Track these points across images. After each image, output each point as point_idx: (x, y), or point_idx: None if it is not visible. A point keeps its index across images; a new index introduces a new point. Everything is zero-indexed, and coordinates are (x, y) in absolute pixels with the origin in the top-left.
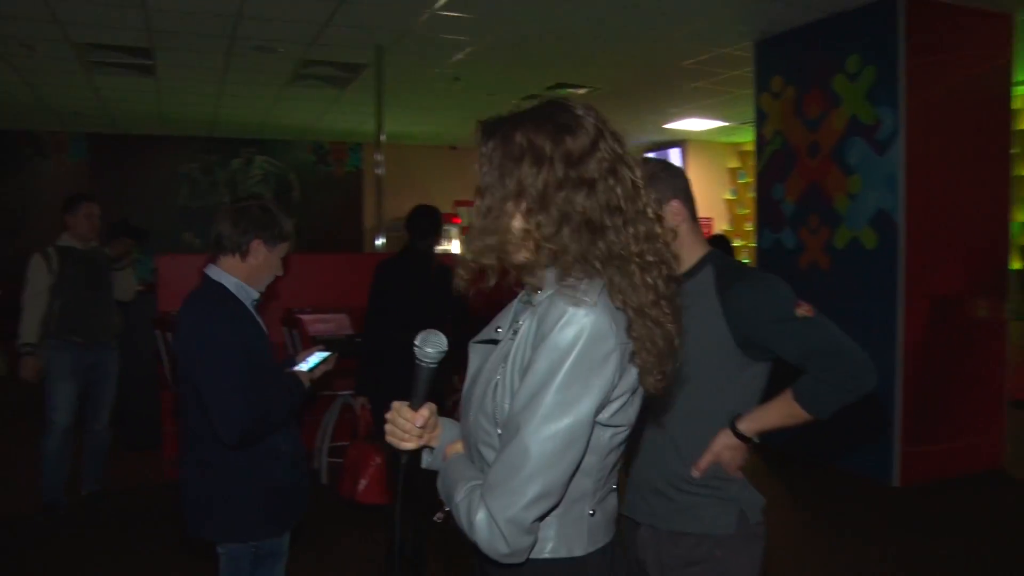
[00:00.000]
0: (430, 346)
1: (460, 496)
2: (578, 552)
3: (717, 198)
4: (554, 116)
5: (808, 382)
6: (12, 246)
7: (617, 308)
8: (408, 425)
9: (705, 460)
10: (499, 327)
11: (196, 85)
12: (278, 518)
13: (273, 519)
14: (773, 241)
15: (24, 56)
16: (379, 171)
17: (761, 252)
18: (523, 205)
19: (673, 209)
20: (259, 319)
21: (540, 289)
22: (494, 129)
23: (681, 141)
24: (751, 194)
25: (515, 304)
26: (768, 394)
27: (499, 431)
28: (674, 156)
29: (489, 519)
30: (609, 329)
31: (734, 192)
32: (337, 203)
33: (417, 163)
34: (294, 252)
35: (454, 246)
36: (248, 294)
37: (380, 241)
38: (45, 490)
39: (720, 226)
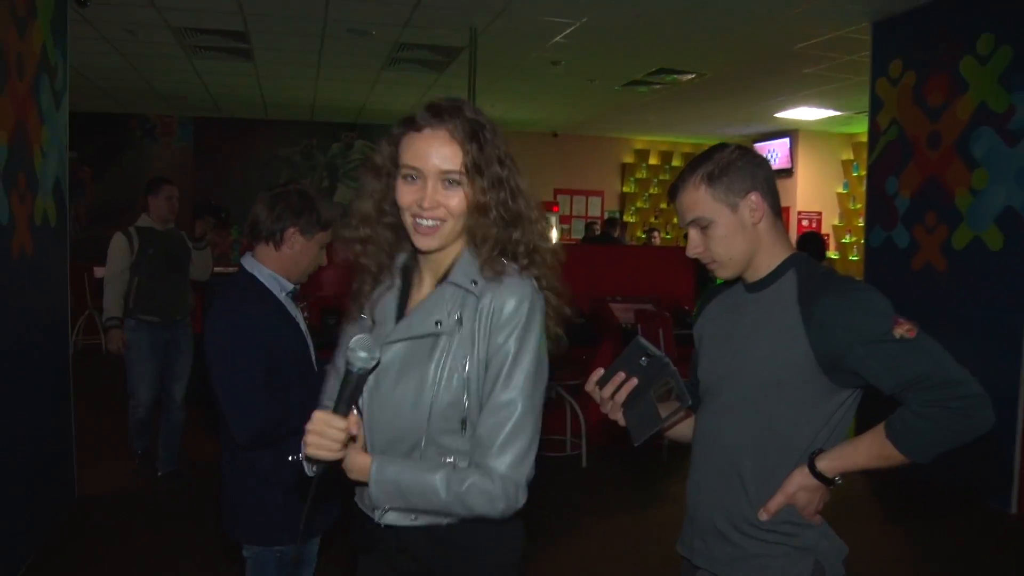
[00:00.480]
0: (363, 350)
1: (439, 484)
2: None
3: (829, 191)
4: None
5: (906, 418)
6: (123, 225)
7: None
8: (339, 434)
9: (776, 501)
10: (438, 320)
11: (293, 69)
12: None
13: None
14: (884, 239)
15: (127, 40)
16: None
17: (871, 251)
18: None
19: (751, 203)
20: (296, 312)
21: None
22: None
23: (792, 131)
24: (864, 188)
25: (442, 296)
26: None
27: (467, 413)
28: (783, 147)
29: (490, 483)
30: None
31: (846, 186)
32: None
33: (516, 149)
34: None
35: (553, 235)
36: (282, 285)
37: None
38: (163, 461)
39: (830, 221)
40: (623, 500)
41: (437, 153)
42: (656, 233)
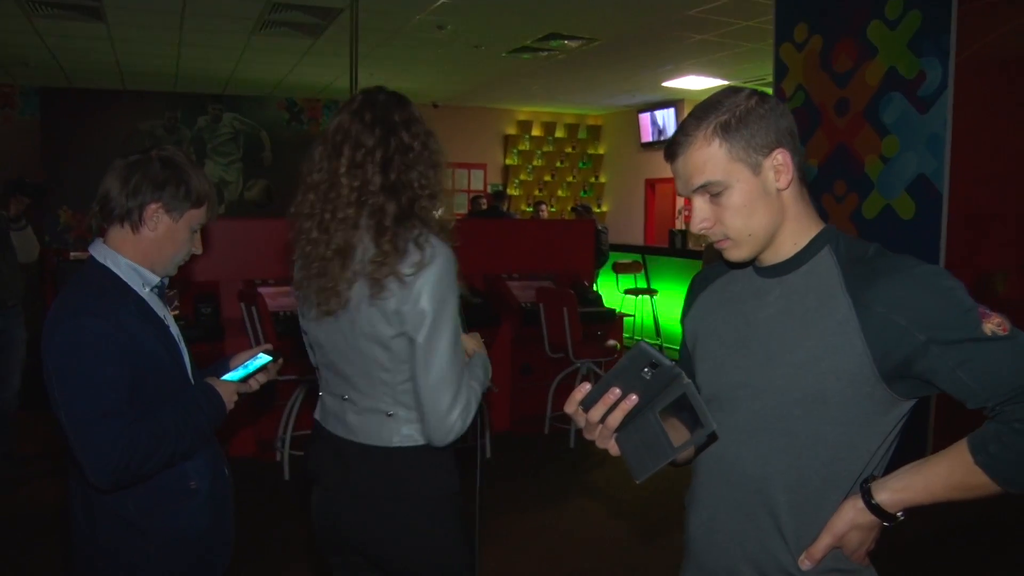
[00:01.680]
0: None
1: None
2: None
3: None
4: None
5: (1004, 438)
6: None
7: None
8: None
9: (822, 545)
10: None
11: (152, 33)
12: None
13: None
14: None
15: None
16: None
17: None
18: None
19: (777, 163)
20: (165, 311)
21: None
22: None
23: (677, 101)
24: None
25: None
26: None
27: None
28: (669, 116)
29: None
30: None
31: None
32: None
33: None
34: (267, 216)
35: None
36: (145, 279)
37: None
38: None
39: None
40: (535, 494)
41: None
42: (543, 206)
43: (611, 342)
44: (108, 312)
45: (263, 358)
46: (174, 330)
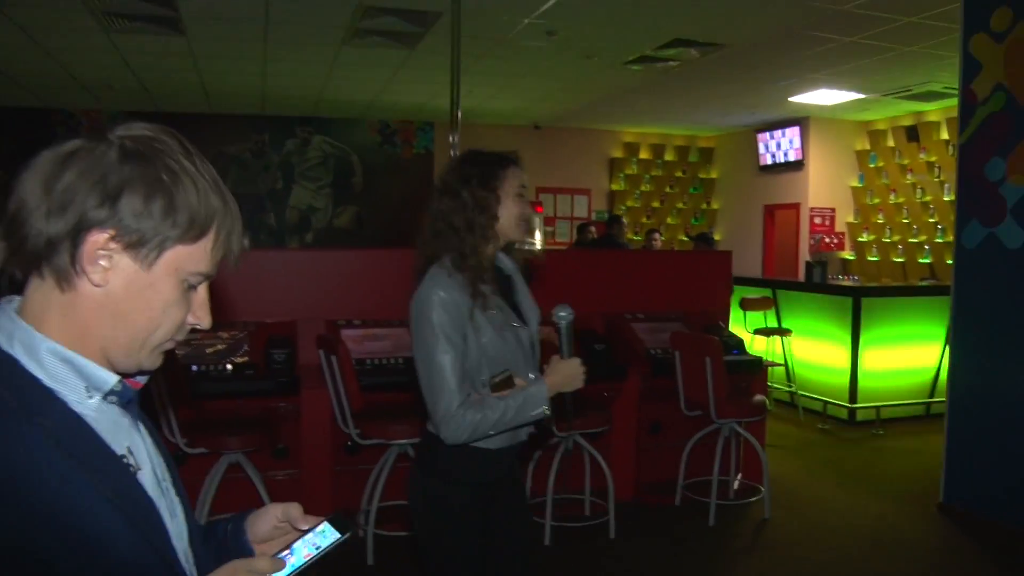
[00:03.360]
0: (562, 311)
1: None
2: None
3: (842, 185)
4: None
5: None
6: None
7: None
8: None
9: None
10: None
11: (234, 45)
12: None
13: None
14: (985, 237)
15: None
16: (454, 152)
17: (964, 252)
18: None
19: None
20: (132, 442)
21: None
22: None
23: (802, 119)
24: (884, 181)
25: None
26: None
27: None
28: (793, 136)
29: None
30: None
31: (862, 179)
32: (403, 190)
33: (493, 144)
34: (355, 246)
35: (537, 238)
36: (91, 379)
37: None
38: None
39: (844, 217)
40: None
41: None
42: (656, 236)
43: (758, 397)
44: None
45: (330, 533)
46: (152, 471)
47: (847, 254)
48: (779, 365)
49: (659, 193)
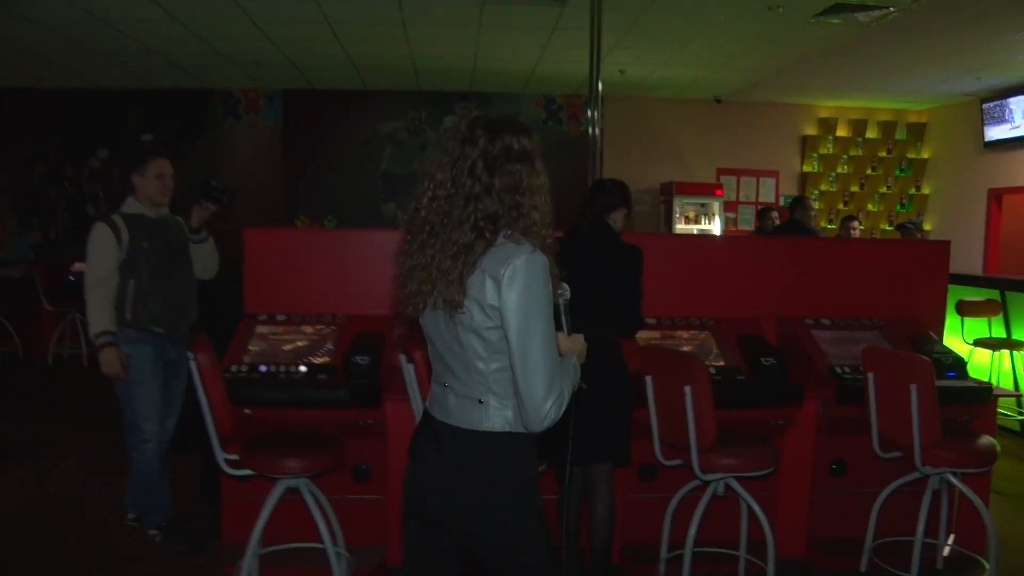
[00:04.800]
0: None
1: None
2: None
3: None
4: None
5: None
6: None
7: None
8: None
9: None
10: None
11: (366, 6)
12: None
13: None
14: None
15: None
16: (596, 129)
17: None
18: None
19: None
20: None
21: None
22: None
23: None
24: None
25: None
26: None
27: None
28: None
29: None
30: None
31: None
32: (569, 171)
33: (670, 122)
34: None
35: (715, 225)
36: None
37: None
38: (152, 513)
39: None
40: None
41: None
42: (855, 223)
43: (986, 440)
44: None
45: None
46: None
47: None
48: (1013, 395)
49: (858, 176)
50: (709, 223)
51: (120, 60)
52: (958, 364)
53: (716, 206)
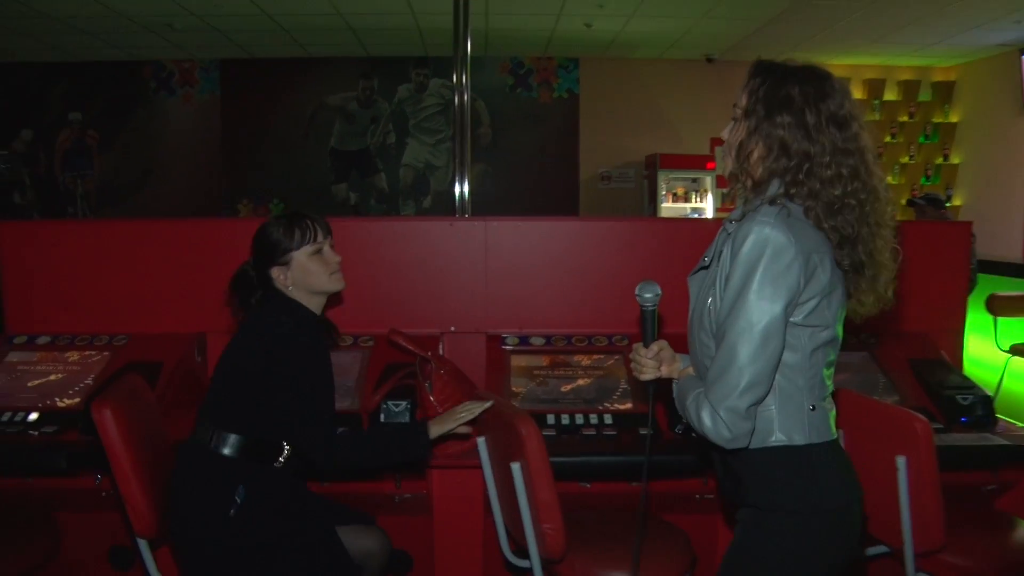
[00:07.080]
0: (647, 292)
1: (690, 401)
2: (799, 441)
3: None
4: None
5: None
6: (138, 198)
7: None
8: (642, 359)
9: None
10: (706, 256)
11: None
12: None
13: None
14: None
15: None
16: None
17: None
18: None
19: None
20: None
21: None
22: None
23: None
24: None
25: (718, 235)
26: None
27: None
28: None
29: (712, 412)
30: (788, 242)
31: None
32: (541, 142)
33: (656, 83)
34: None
35: (708, 202)
36: None
37: None
38: None
39: None
40: None
41: None
42: None
43: (1021, 531)
44: None
45: None
46: None
47: None
48: None
49: (876, 144)
50: (701, 201)
51: (31, 31)
52: (979, 405)
53: (708, 181)
